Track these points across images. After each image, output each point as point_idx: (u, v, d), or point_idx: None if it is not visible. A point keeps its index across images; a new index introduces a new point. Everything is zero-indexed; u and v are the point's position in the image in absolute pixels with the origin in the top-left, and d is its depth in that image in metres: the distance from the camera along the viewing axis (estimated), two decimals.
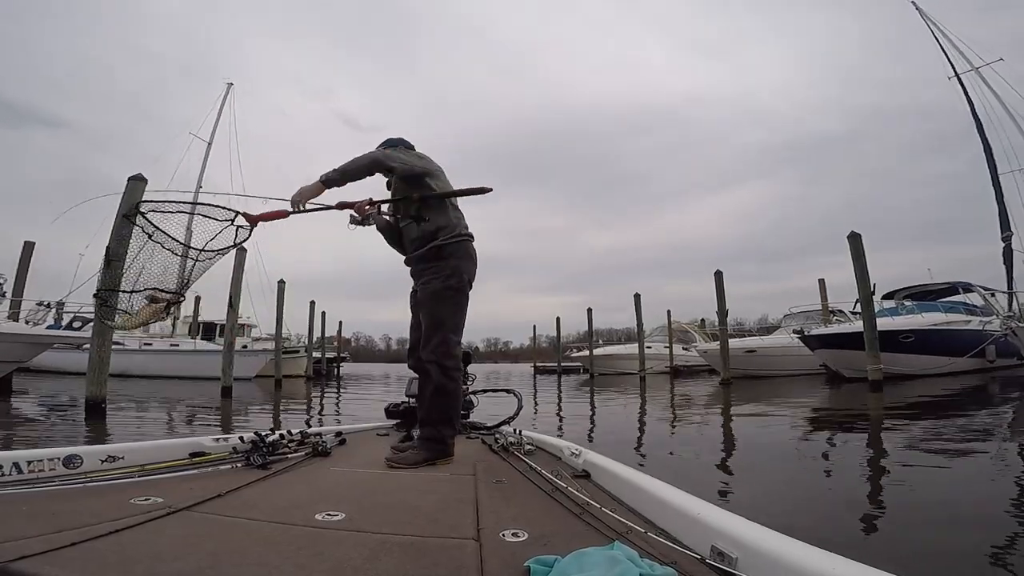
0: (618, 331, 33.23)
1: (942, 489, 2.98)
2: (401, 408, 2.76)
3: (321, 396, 11.83)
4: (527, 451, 2.09)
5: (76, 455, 1.64)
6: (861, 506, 2.63)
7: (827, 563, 0.77)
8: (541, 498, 1.44)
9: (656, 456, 4.29)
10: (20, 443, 4.56)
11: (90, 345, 6.90)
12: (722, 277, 14.61)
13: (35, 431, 5.55)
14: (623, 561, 0.89)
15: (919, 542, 2.11)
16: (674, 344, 22.08)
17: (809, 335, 13.23)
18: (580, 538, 1.06)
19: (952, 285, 14.89)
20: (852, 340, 11.38)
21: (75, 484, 1.48)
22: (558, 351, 28.93)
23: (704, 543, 0.98)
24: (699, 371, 21.17)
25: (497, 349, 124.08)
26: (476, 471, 1.79)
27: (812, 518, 2.45)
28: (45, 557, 0.87)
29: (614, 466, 1.61)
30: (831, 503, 2.79)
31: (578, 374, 25.49)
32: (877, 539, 2.20)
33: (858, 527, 2.31)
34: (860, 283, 10.62)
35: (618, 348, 24.53)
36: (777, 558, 0.82)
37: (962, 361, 12.56)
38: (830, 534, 2.11)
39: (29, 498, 1.29)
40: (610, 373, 21.79)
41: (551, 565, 0.91)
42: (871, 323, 10.34)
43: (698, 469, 3.70)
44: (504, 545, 1.05)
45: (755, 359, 15.84)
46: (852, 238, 10.63)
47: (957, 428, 5.27)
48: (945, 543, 2.06)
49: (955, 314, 13.69)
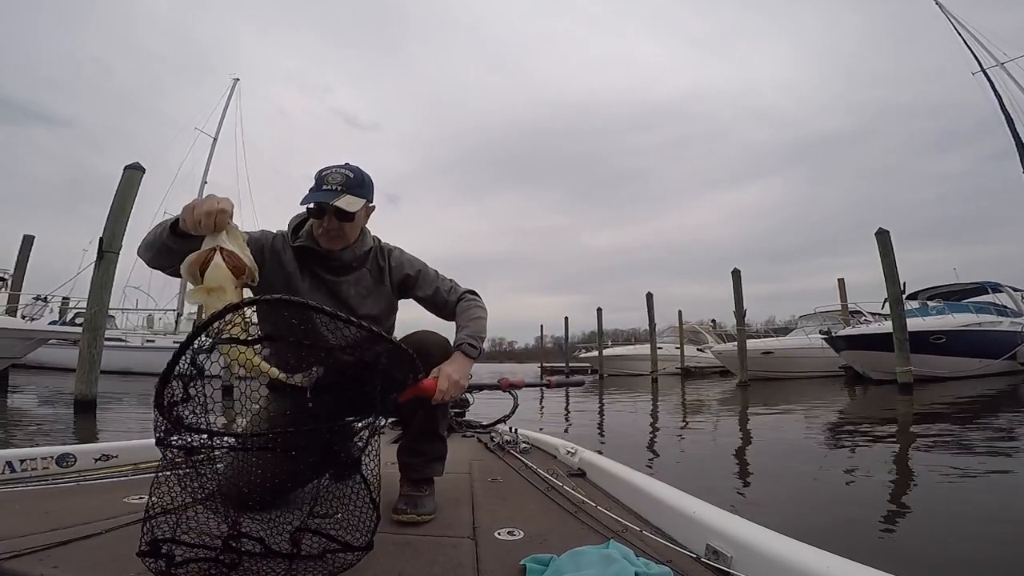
0: (623, 331, 32.79)
1: (974, 498, 2.82)
2: None
3: None
4: (523, 450, 2.09)
5: (69, 454, 1.66)
6: (891, 516, 2.53)
7: (822, 562, 0.77)
8: (537, 497, 1.44)
9: (678, 460, 4.18)
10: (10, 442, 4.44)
11: (80, 341, 6.57)
12: (739, 276, 14.26)
13: (20, 430, 5.25)
14: (619, 560, 0.89)
15: (943, 555, 2.01)
16: (686, 345, 21.60)
17: (836, 336, 12.93)
18: (576, 537, 1.07)
19: (981, 285, 14.67)
20: (881, 341, 11.08)
21: (68, 483, 1.51)
22: (566, 352, 28.57)
23: (700, 542, 0.99)
24: (710, 372, 20.82)
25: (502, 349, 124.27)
26: (472, 470, 1.78)
27: (833, 524, 2.36)
28: (38, 555, 0.87)
29: (610, 465, 1.62)
30: (856, 510, 2.64)
31: (586, 374, 25.08)
32: (899, 551, 2.09)
33: (881, 538, 2.21)
34: (889, 282, 10.32)
35: (628, 349, 24.18)
36: (772, 557, 0.82)
37: (995, 363, 12.31)
38: (852, 543, 2.04)
39: (22, 497, 1.30)
40: (619, 374, 21.48)
41: (547, 564, 0.91)
42: (901, 324, 10.05)
43: (724, 475, 3.59)
44: (500, 544, 1.05)
45: (772, 360, 15.52)
46: (880, 235, 10.33)
47: (992, 432, 5.07)
48: (971, 556, 1.96)
49: (986, 315, 13.35)
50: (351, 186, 1.29)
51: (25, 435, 4.94)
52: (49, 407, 7.35)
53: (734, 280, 14.34)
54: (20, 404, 7.74)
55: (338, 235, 1.32)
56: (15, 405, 7.60)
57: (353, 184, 1.30)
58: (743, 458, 4.28)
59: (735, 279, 14.32)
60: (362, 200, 1.31)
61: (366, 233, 1.42)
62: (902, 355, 9.81)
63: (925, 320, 12.51)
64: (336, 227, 1.30)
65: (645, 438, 5.51)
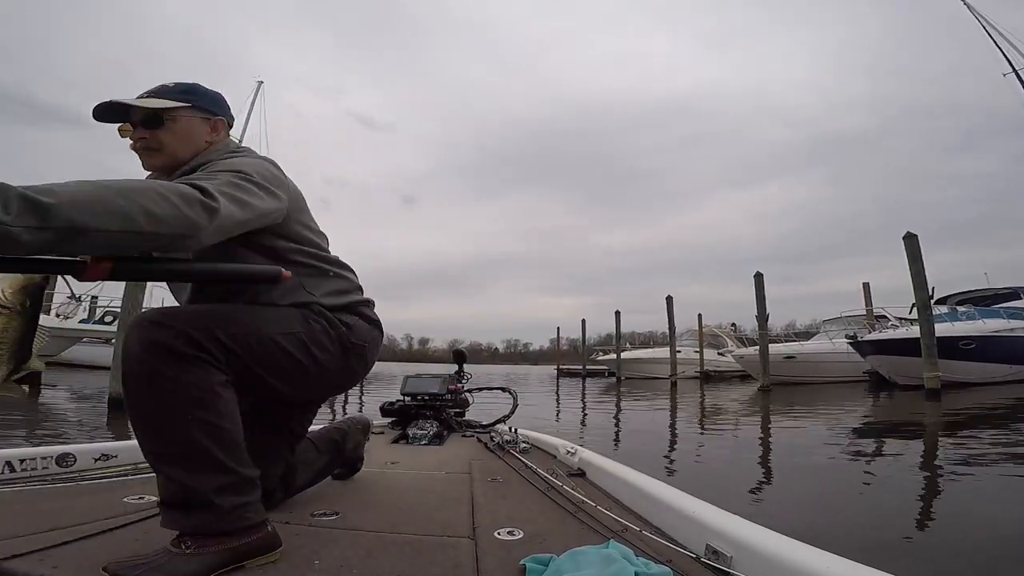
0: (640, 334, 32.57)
1: (1002, 509, 2.70)
2: (396, 406, 2.72)
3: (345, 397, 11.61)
4: (523, 449, 2.08)
5: (69, 453, 1.65)
6: (918, 524, 2.48)
7: (821, 561, 0.77)
8: (537, 496, 1.44)
9: (697, 461, 4.12)
10: (52, 439, 4.56)
11: (114, 340, 6.77)
12: (762, 280, 14.07)
13: (57, 426, 5.45)
14: (618, 560, 0.88)
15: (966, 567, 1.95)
16: (705, 348, 21.37)
17: (862, 340, 12.79)
18: (576, 537, 1.06)
19: (1013, 290, 14.32)
20: (908, 346, 10.93)
21: (68, 483, 1.49)
22: (583, 354, 28.47)
23: (699, 542, 0.98)
24: (730, 376, 20.55)
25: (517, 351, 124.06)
26: (471, 469, 1.77)
27: (856, 532, 2.31)
28: (37, 556, 0.87)
29: (610, 464, 1.60)
30: (881, 518, 2.57)
31: (603, 377, 24.91)
32: (925, 559, 2.03)
33: (906, 546, 2.15)
34: (916, 287, 10.17)
35: (647, 352, 24.00)
36: (772, 557, 0.82)
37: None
38: (875, 552, 1.99)
39: (21, 497, 1.30)
40: (637, 377, 21.31)
41: (547, 564, 0.90)
42: (929, 328, 9.90)
43: (745, 479, 3.52)
44: (500, 544, 1.05)
45: (794, 365, 15.34)
46: (908, 239, 10.21)
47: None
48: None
49: (1018, 320, 12.99)
50: (164, 92, 1.06)
51: (63, 430, 5.12)
52: (83, 403, 7.56)
53: (756, 284, 14.17)
54: (53, 402, 7.99)
55: (153, 147, 1.05)
56: (49, 402, 7.84)
57: (168, 90, 1.07)
58: (766, 463, 4.22)
59: (758, 283, 14.16)
60: (172, 102, 1.05)
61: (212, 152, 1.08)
62: (930, 360, 9.65)
63: (955, 325, 12.32)
64: (146, 136, 1.04)
65: (664, 442, 5.46)
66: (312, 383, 1.10)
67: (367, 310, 1.21)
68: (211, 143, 1.10)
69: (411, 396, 2.71)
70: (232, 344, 0.93)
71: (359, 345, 1.14)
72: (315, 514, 1.19)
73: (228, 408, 0.90)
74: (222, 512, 0.85)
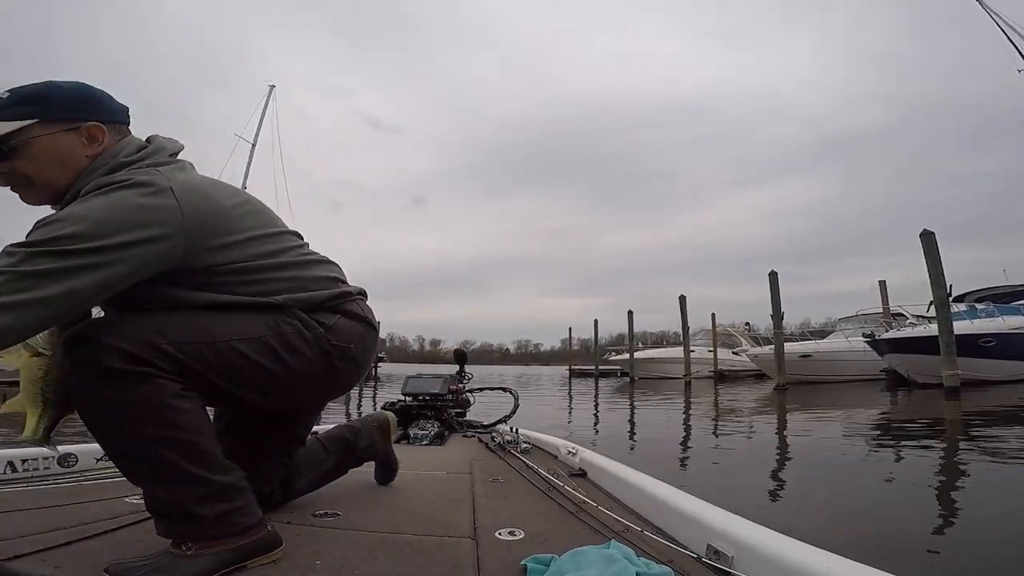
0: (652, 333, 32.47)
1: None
2: (397, 406, 2.72)
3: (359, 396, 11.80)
4: (524, 449, 2.08)
5: (71, 454, 1.65)
6: (938, 528, 2.42)
7: (823, 562, 0.76)
8: (538, 497, 1.43)
9: (714, 462, 4.08)
10: (54, 439, 4.67)
11: None
12: (777, 279, 14.02)
13: (58, 426, 5.60)
14: (619, 560, 0.88)
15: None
16: (719, 348, 21.29)
17: (879, 339, 12.67)
18: (576, 537, 1.06)
19: None
20: (926, 344, 10.82)
21: (70, 483, 1.50)
22: (595, 354, 28.46)
23: (700, 542, 0.98)
24: (744, 376, 20.43)
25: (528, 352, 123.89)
26: (472, 470, 1.77)
27: (874, 534, 2.29)
28: (39, 556, 0.87)
29: (610, 465, 1.60)
30: (900, 521, 2.53)
31: (616, 377, 24.91)
32: (943, 564, 2.00)
33: (925, 551, 2.10)
34: (934, 284, 10.08)
35: (660, 351, 23.94)
36: (773, 557, 0.82)
37: None
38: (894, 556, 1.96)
39: (23, 497, 1.30)
40: (651, 377, 21.26)
41: (548, 564, 0.90)
42: (947, 326, 9.81)
43: (764, 480, 3.51)
44: (501, 544, 1.05)
45: (810, 364, 15.22)
46: (925, 236, 10.14)
47: None
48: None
49: None
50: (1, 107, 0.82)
51: (65, 430, 5.21)
52: None
53: (771, 283, 14.10)
54: None
55: (18, 183, 0.86)
56: None
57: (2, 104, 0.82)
58: (784, 463, 4.20)
59: (772, 282, 14.09)
60: (14, 122, 0.81)
61: (99, 165, 0.87)
62: (948, 358, 9.54)
63: (973, 323, 12.17)
64: (4, 171, 0.84)
65: (679, 443, 5.45)
66: (293, 392, 1.00)
67: (352, 306, 1.05)
68: (94, 155, 0.88)
69: (412, 396, 2.72)
70: (179, 354, 0.82)
71: (342, 347, 1.00)
72: (316, 514, 1.20)
73: (188, 419, 0.83)
74: (206, 521, 0.83)
